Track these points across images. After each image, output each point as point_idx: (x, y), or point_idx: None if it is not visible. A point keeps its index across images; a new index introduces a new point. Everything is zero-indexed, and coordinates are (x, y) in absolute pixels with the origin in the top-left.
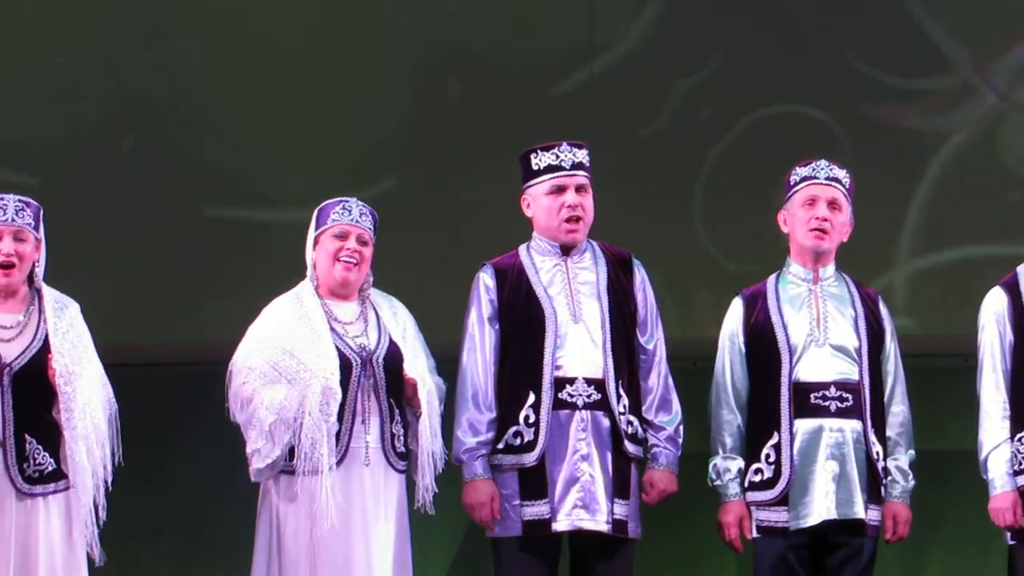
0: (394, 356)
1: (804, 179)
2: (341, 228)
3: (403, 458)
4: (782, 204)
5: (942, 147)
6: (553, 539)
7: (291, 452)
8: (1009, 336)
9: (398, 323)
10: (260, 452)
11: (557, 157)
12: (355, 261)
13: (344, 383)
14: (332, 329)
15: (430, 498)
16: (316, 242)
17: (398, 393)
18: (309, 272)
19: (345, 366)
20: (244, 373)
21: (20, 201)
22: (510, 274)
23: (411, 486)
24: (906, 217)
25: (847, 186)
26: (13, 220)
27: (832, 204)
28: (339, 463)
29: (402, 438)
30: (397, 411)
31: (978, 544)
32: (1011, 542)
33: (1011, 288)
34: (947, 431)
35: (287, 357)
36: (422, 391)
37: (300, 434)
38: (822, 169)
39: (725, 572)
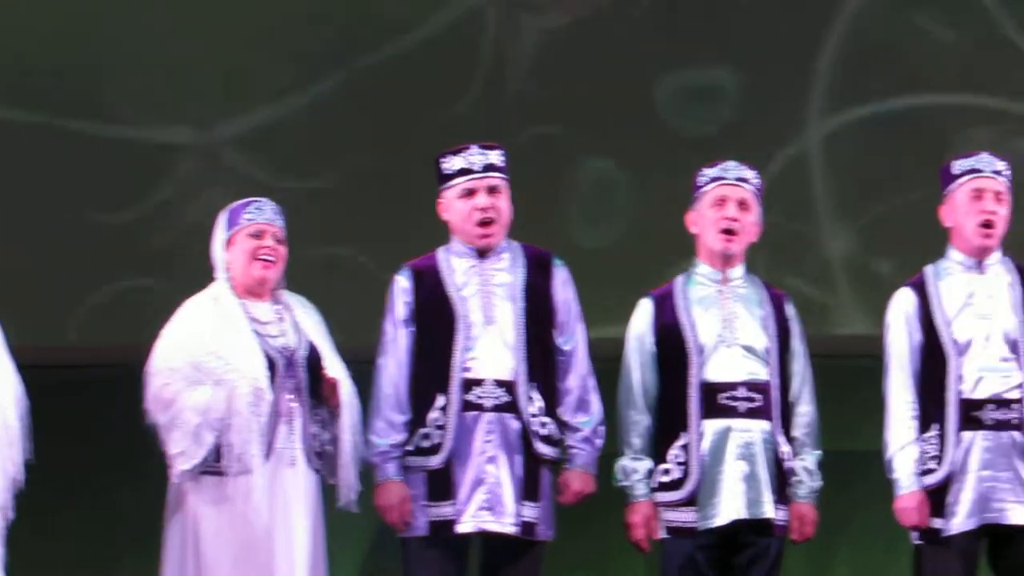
0: (315, 356)
1: (713, 179)
2: (257, 227)
3: (320, 457)
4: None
5: None
6: (461, 540)
7: (216, 453)
8: (916, 336)
9: (312, 324)
10: (186, 454)
11: (467, 160)
12: (273, 259)
13: (269, 384)
14: (254, 330)
15: (354, 497)
16: (229, 243)
17: (318, 393)
18: (221, 273)
19: (269, 366)
20: (165, 375)
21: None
22: (426, 276)
23: (325, 486)
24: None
25: (756, 186)
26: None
27: (742, 204)
28: (266, 463)
29: (320, 438)
30: (317, 411)
31: (885, 544)
32: (917, 542)
33: (918, 289)
34: (856, 432)
35: (212, 358)
36: (343, 390)
37: (229, 435)
38: (731, 170)
39: (634, 572)
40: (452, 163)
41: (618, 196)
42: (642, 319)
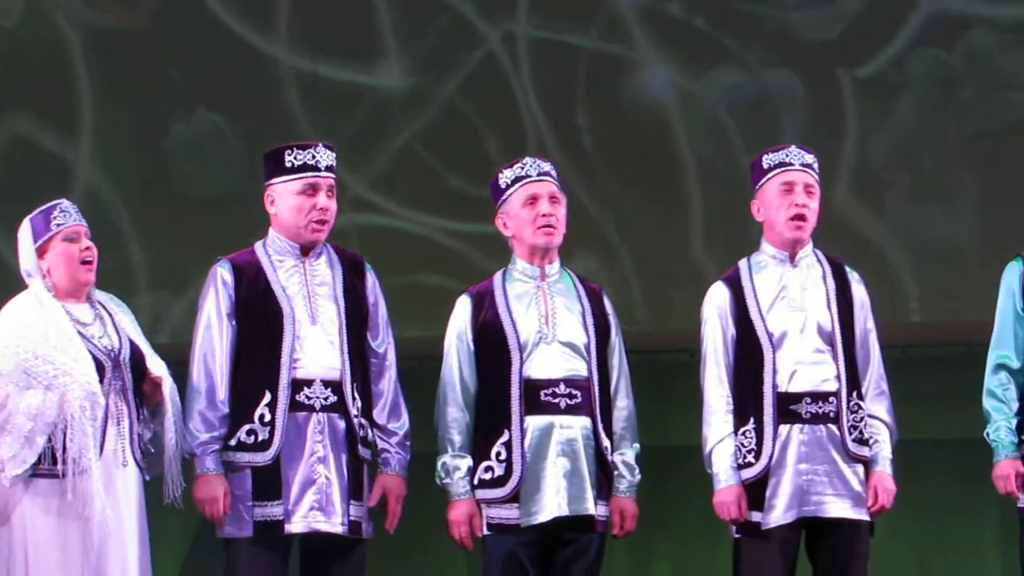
0: (137, 355)
1: (517, 180)
2: (71, 230)
3: (144, 455)
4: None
5: None
6: (284, 540)
7: (50, 457)
8: (731, 330)
9: (129, 322)
10: (17, 458)
11: (314, 157)
12: (92, 259)
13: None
14: (78, 332)
15: (179, 493)
16: (43, 250)
17: (141, 392)
18: (37, 279)
19: (98, 368)
20: None
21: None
22: (248, 271)
23: (147, 484)
24: None
25: (556, 177)
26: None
27: (552, 198)
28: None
29: (144, 437)
30: (141, 410)
31: (705, 538)
32: (736, 535)
33: (732, 283)
34: (673, 427)
35: (40, 362)
36: (166, 388)
37: (64, 439)
38: (531, 166)
39: (455, 568)
40: (296, 157)
41: None
42: (461, 316)
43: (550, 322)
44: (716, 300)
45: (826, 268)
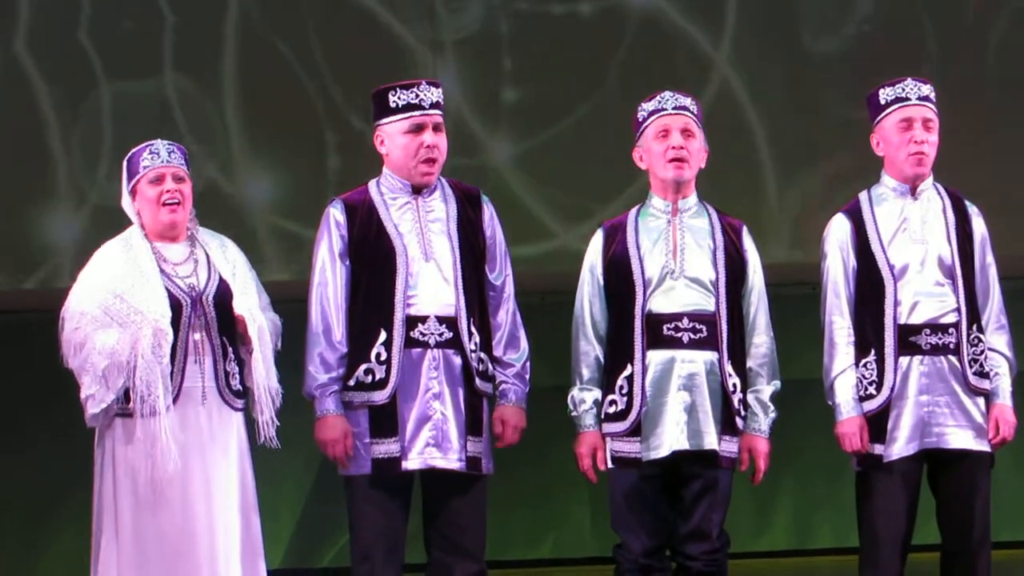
0: (224, 294)
1: (653, 112)
2: (156, 172)
3: (240, 396)
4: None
5: None
6: (405, 477)
7: (126, 395)
8: (852, 262)
9: (228, 261)
10: (95, 397)
11: (417, 96)
12: (177, 201)
13: (176, 324)
14: (162, 271)
15: (272, 432)
16: (134, 193)
17: (231, 331)
18: (134, 219)
19: (175, 307)
20: (76, 319)
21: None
22: (360, 210)
23: (252, 424)
24: None
25: (696, 112)
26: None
27: (685, 132)
28: (175, 403)
29: (237, 376)
30: (231, 349)
31: (827, 473)
32: (857, 469)
33: (853, 215)
34: (796, 361)
35: (117, 301)
36: (252, 327)
37: (134, 377)
38: (668, 100)
39: (577, 504)
40: (400, 97)
41: None
42: (594, 249)
43: (678, 257)
44: (837, 233)
45: (946, 201)
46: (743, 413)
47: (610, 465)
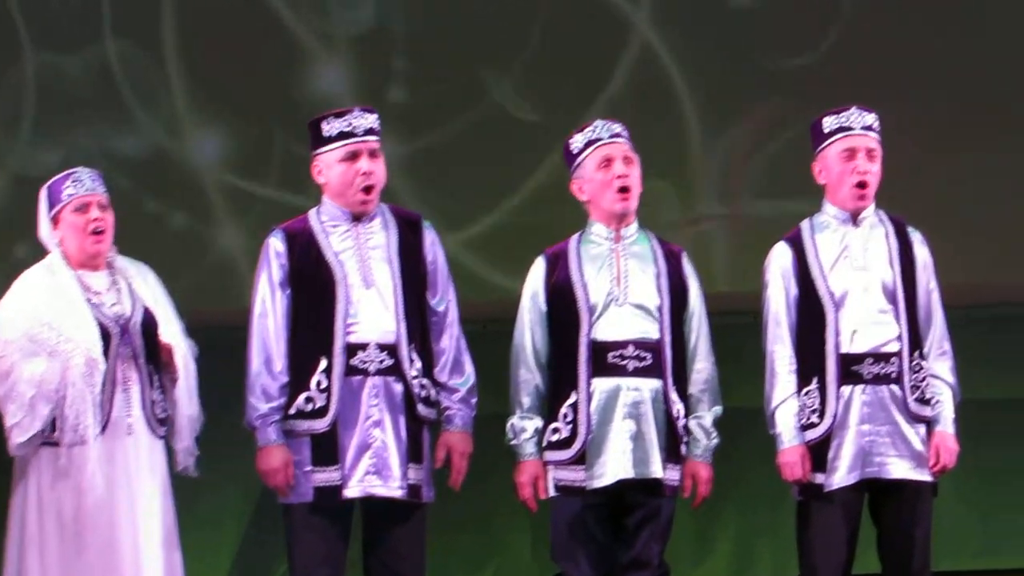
0: (149, 322)
1: (590, 143)
2: (81, 200)
3: (163, 424)
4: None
5: None
6: (345, 505)
7: (52, 424)
8: (794, 290)
9: (149, 289)
10: (20, 426)
11: (350, 123)
12: (103, 230)
13: (105, 353)
14: (88, 300)
15: (192, 461)
16: (56, 221)
17: (155, 359)
18: (54, 248)
19: (104, 335)
20: (1, 347)
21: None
22: (300, 239)
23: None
24: None
25: (628, 136)
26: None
27: (626, 159)
28: (102, 433)
29: (161, 404)
30: (155, 378)
31: (769, 501)
32: (799, 498)
33: (794, 243)
34: (737, 389)
35: (45, 329)
36: (178, 355)
37: (63, 406)
38: (602, 128)
39: (519, 532)
40: (333, 126)
41: None
42: (536, 277)
43: (622, 284)
44: (779, 260)
45: (888, 228)
46: (685, 439)
47: (552, 493)
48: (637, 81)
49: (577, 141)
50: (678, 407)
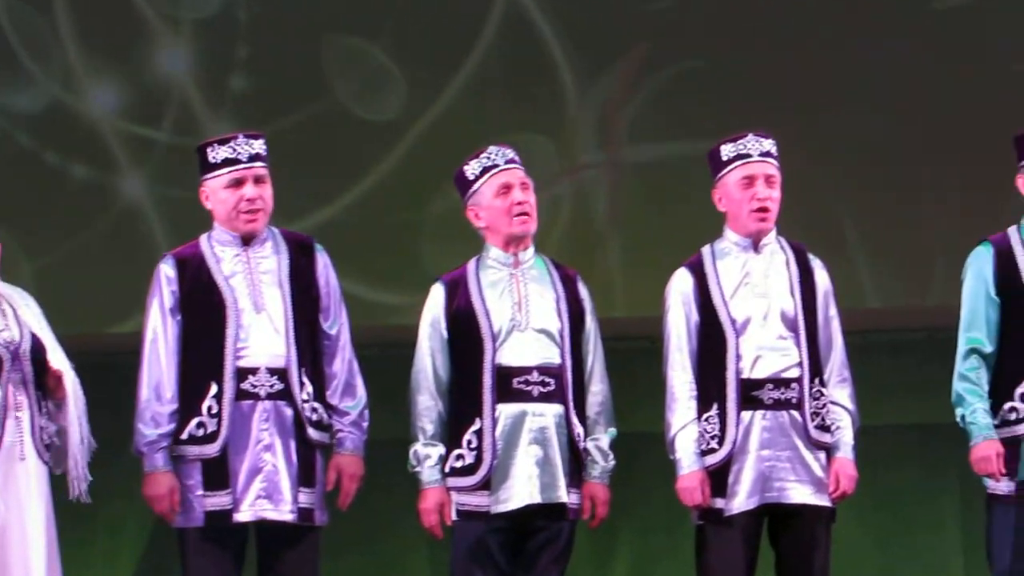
0: (38, 348)
1: (485, 170)
2: None
3: (48, 449)
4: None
5: None
6: (238, 530)
7: None
8: (695, 316)
9: (32, 315)
10: None
11: (234, 150)
12: None
13: None
14: None
15: (85, 488)
16: None
17: (43, 385)
18: None
19: None
20: None
21: None
22: (191, 264)
23: (55, 478)
24: None
25: (520, 161)
26: None
27: (523, 185)
28: None
29: (47, 430)
30: (43, 403)
31: (667, 525)
32: (698, 522)
33: (695, 269)
34: (637, 413)
35: None
36: (67, 381)
37: None
38: (497, 155)
39: (415, 555)
40: (218, 153)
41: None
42: (435, 304)
43: (523, 309)
44: (679, 287)
45: (789, 255)
46: (585, 463)
47: (455, 518)
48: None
49: (472, 168)
50: (579, 431)
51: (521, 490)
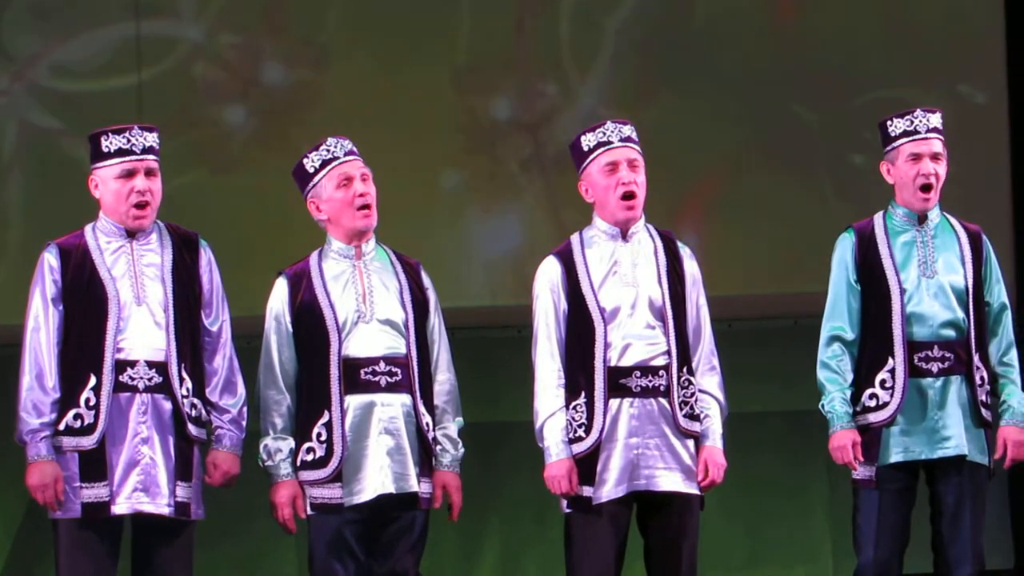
0: None
1: (325, 163)
2: None
3: None
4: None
5: None
6: (114, 522)
7: None
8: (563, 305)
9: None
10: None
11: (128, 141)
12: None
13: None
14: None
15: None
16: None
17: None
18: None
19: None
20: None
21: None
22: (75, 255)
23: None
24: None
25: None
26: None
27: (364, 177)
28: None
29: None
30: None
31: (535, 513)
32: (567, 510)
33: (564, 257)
34: (500, 402)
35: None
36: None
37: None
38: (336, 147)
39: (282, 551)
40: (112, 142)
41: None
42: (278, 298)
43: (367, 300)
44: (548, 275)
45: (658, 243)
46: (435, 452)
47: (310, 512)
48: None
49: (312, 161)
50: (427, 420)
51: (374, 480)
